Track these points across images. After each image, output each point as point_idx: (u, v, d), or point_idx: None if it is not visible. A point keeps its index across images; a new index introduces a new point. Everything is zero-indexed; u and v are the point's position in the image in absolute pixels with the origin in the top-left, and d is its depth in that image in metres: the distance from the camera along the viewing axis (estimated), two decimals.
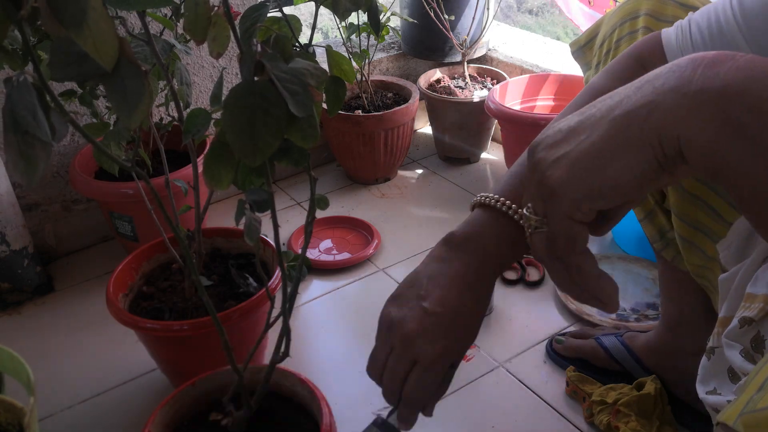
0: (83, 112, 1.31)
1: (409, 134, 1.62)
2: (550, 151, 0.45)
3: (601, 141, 0.42)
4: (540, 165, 0.45)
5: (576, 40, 0.91)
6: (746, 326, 0.49)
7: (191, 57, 1.45)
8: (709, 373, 0.54)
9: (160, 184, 0.95)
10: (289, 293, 0.65)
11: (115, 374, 1.11)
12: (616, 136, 0.41)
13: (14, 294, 1.28)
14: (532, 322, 1.17)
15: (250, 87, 0.46)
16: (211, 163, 0.54)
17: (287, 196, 1.62)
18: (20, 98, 0.38)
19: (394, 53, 1.81)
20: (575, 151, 0.43)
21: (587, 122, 0.44)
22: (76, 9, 0.35)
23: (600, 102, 0.44)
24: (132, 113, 0.41)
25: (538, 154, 0.46)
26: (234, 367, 0.70)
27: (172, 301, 1.01)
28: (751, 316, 0.49)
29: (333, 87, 0.60)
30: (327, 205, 0.63)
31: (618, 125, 0.41)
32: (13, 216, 1.23)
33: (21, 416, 0.75)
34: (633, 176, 0.41)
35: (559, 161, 0.44)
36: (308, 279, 1.32)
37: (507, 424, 0.98)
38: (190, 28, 0.60)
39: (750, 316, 0.49)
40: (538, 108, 1.61)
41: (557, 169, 0.44)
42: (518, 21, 4.09)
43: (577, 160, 0.43)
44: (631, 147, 0.41)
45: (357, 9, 0.56)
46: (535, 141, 0.47)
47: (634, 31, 0.77)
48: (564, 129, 0.45)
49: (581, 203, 0.43)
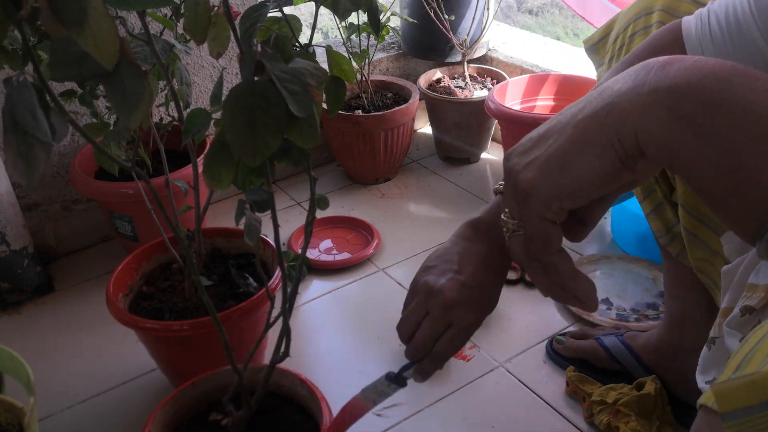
0: (83, 112, 1.31)
1: (409, 134, 1.62)
2: (521, 157, 0.48)
3: (567, 143, 0.45)
4: (513, 171, 0.48)
5: (590, 37, 0.93)
6: (747, 315, 0.50)
7: (191, 57, 1.45)
8: (710, 363, 0.54)
9: (160, 184, 0.95)
10: (289, 293, 0.65)
11: (115, 374, 1.11)
12: (579, 137, 0.45)
13: (14, 294, 1.28)
14: (532, 322, 1.17)
15: (250, 87, 0.46)
16: (211, 163, 0.54)
17: (287, 196, 1.62)
18: (20, 98, 0.38)
19: (394, 53, 1.81)
20: (544, 155, 0.47)
21: (555, 128, 0.47)
22: (77, 8, 0.35)
23: (567, 109, 0.48)
24: (132, 113, 0.41)
25: (512, 160, 0.49)
26: (234, 367, 0.70)
27: (172, 301, 1.01)
28: (752, 305, 0.49)
29: (333, 87, 0.60)
30: (327, 205, 0.63)
31: (581, 128, 0.45)
32: (13, 216, 1.23)
33: (21, 416, 0.75)
34: (596, 174, 0.44)
35: (530, 165, 0.47)
36: (308, 279, 1.32)
37: (507, 424, 0.98)
38: (190, 28, 0.60)
39: (751, 305, 0.49)
40: (538, 108, 1.61)
41: (528, 173, 0.47)
42: (518, 21, 4.09)
43: (545, 163, 0.46)
44: (593, 147, 0.44)
45: (357, 9, 0.56)
46: (510, 149, 0.51)
47: (648, 26, 0.79)
48: (534, 136, 0.49)
49: (551, 203, 0.46)
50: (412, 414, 1.00)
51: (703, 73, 0.41)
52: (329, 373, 1.09)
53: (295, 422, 0.77)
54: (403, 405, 1.02)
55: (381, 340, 1.14)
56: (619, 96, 0.44)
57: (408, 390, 1.04)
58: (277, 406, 0.79)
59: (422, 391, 1.04)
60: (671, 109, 0.41)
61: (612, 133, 0.43)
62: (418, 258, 1.34)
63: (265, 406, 0.78)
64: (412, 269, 1.34)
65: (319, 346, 1.16)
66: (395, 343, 1.13)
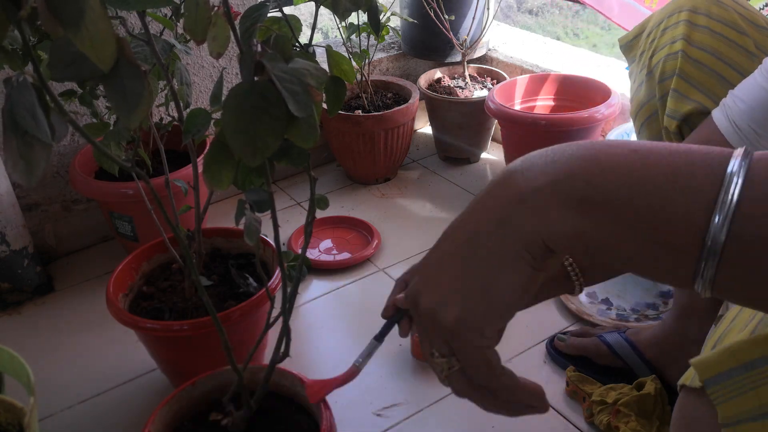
0: (83, 112, 1.31)
1: (409, 134, 1.62)
2: (431, 297, 0.46)
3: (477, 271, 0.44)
4: (429, 312, 0.46)
5: (625, 35, 0.99)
6: None
7: (191, 57, 1.45)
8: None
9: (160, 184, 0.95)
10: (289, 293, 0.65)
11: (115, 374, 1.11)
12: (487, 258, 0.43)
13: (14, 294, 1.28)
14: (532, 322, 1.17)
15: (250, 87, 0.46)
16: (211, 163, 0.54)
17: (287, 196, 1.62)
18: (20, 98, 0.38)
19: (394, 53, 1.81)
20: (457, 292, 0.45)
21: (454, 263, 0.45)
22: (73, 8, 0.35)
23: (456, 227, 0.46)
24: (132, 113, 0.41)
25: (422, 305, 0.47)
26: (234, 367, 0.70)
27: (172, 301, 1.01)
28: None
29: (333, 87, 0.60)
30: (327, 205, 0.63)
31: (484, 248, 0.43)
32: (13, 216, 1.23)
33: (21, 416, 0.75)
34: (517, 287, 0.43)
35: (446, 304, 0.45)
36: (308, 279, 1.32)
37: (507, 424, 0.98)
38: (190, 28, 0.60)
39: None
40: (538, 108, 1.61)
41: (450, 311, 0.45)
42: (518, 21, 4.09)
43: (464, 297, 0.44)
44: (503, 266, 0.42)
45: (357, 9, 0.56)
46: (412, 292, 0.48)
47: (677, 22, 0.86)
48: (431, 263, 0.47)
49: (484, 330, 0.45)
50: (412, 414, 1.00)
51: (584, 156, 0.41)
52: (329, 373, 1.09)
53: (295, 422, 0.77)
54: (403, 405, 1.02)
55: None
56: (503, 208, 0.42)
57: (408, 390, 1.04)
58: (277, 406, 0.79)
59: (422, 391, 1.04)
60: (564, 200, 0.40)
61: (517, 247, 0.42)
62: (418, 258, 1.33)
63: (265, 406, 0.78)
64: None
65: (319, 346, 1.16)
66: (395, 343, 1.13)
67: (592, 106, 1.43)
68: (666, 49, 0.86)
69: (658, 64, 0.87)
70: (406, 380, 1.07)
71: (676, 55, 0.84)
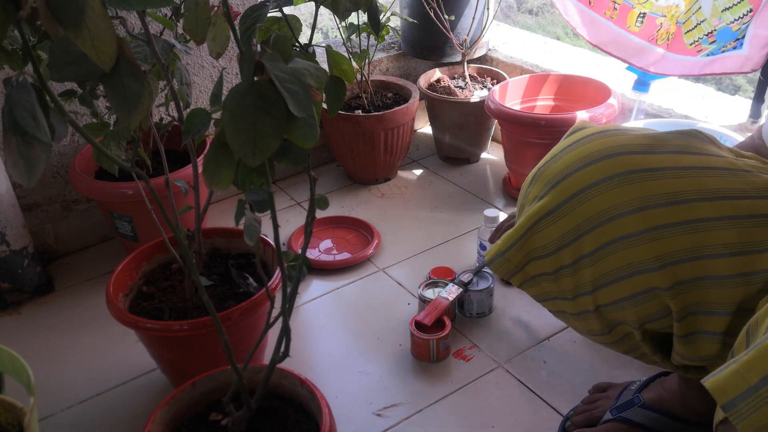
0: (83, 112, 1.31)
1: (409, 134, 1.62)
2: None
3: None
4: None
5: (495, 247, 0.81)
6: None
7: (191, 57, 1.45)
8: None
9: (160, 184, 0.95)
10: (289, 293, 0.65)
11: (115, 374, 1.11)
12: None
13: (14, 294, 1.28)
14: (532, 322, 1.17)
15: (250, 87, 0.46)
16: (211, 163, 0.54)
17: (287, 196, 1.62)
18: (20, 98, 0.38)
19: (394, 53, 1.81)
20: None
21: None
22: (74, 8, 0.35)
23: None
24: (132, 113, 0.41)
25: None
26: (234, 367, 0.70)
27: (172, 301, 1.01)
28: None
29: (333, 87, 0.60)
30: (327, 205, 0.63)
31: None
32: (13, 216, 1.23)
33: (21, 416, 0.75)
34: None
35: None
36: (308, 279, 1.32)
37: (507, 424, 0.98)
38: (190, 28, 0.60)
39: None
40: (538, 108, 1.61)
41: None
42: (518, 21, 4.09)
43: None
44: None
45: (357, 9, 0.56)
46: None
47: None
48: None
49: None
50: (412, 414, 1.00)
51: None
52: (329, 373, 1.09)
53: (295, 422, 0.77)
54: (403, 405, 1.02)
55: (381, 340, 1.14)
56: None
57: (408, 390, 1.04)
58: (277, 406, 0.79)
59: (422, 391, 1.04)
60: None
61: None
62: (418, 258, 1.34)
63: (265, 406, 0.79)
64: (412, 269, 1.35)
65: (319, 346, 1.16)
66: (395, 343, 1.13)
67: (592, 106, 1.43)
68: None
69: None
70: (406, 380, 1.07)
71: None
